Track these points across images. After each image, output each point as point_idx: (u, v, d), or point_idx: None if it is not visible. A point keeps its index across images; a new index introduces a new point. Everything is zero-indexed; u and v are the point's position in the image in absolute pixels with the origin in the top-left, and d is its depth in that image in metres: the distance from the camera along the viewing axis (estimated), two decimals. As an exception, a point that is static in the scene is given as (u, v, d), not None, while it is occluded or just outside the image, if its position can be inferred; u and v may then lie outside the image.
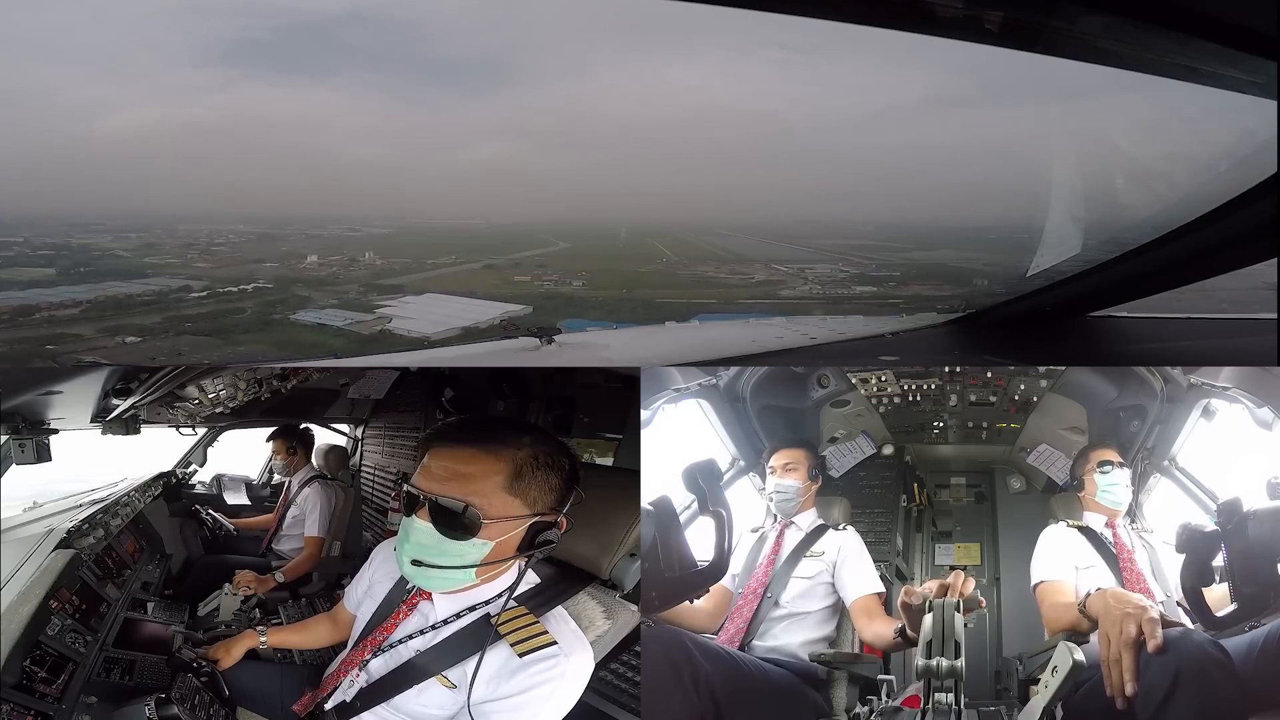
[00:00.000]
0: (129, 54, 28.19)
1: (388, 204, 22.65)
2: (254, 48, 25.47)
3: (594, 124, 31.58)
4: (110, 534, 2.38)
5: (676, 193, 28.88)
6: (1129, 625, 1.46)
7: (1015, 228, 8.91)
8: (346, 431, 3.64)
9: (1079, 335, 2.66)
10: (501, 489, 1.36)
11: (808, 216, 19.85)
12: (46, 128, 21.44)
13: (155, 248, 17.25)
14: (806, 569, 2.08)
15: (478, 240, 19.77)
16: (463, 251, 17.92)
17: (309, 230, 19.07)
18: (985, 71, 19.05)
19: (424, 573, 1.39)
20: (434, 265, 17.48)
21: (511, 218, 21.24)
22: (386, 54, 27.81)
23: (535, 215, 22.12)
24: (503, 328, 2.78)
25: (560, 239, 20.00)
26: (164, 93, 26.86)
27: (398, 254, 17.51)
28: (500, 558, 1.40)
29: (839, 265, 18.03)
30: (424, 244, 19.00)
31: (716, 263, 18.45)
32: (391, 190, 27.43)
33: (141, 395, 2.18)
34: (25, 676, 1.62)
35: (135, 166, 23.78)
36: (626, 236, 19.89)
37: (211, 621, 2.44)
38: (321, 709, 1.56)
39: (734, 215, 22.24)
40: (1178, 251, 1.97)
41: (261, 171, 23.87)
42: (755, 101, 32.21)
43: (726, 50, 33.42)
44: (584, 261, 17.68)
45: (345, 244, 18.70)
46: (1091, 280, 2.33)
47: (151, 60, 29.31)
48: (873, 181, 26.51)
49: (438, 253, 18.45)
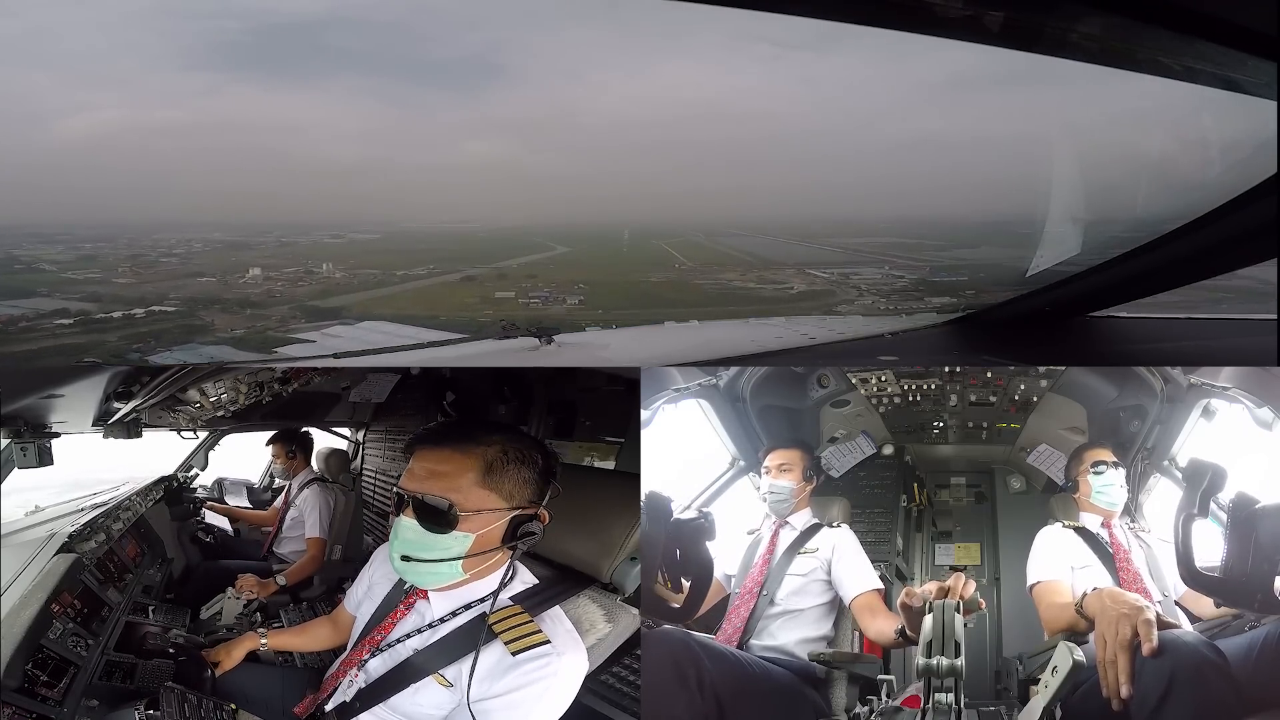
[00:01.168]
0: (97, 58, 27.43)
1: (375, 208, 21.65)
2: (231, 50, 24.91)
3: (590, 120, 31.21)
4: (112, 538, 2.38)
5: (681, 191, 28.43)
6: (1124, 626, 1.47)
7: (1019, 225, 8.76)
8: (348, 435, 3.64)
9: (1079, 335, 2.67)
10: (476, 484, 1.43)
11: (821, 214, 18.57)
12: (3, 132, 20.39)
13: (92, 260, 15.64)
14: (800, 566, 2.09)
15: (466, 246, 17.82)
16: (445, 260, 16.19)
17: (287, 237, 17.35)
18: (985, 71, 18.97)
19: (414, 568, 1.45)
20: (404, 277, 15.64)
21: (507, 220, 19.47)
22: (371, 53, 27.16)
23: (531, 217, 20.32)
24: (502, 328, 2.79)
25: (558, 242, 18.05)
26: (136, 97, 26.15)
27: (367, 264, 15.72)
28: (485, 549, 1.44)
29: (885, 268, 15.59)
30: (406, 251, 17.02)
31: (740, 268, 16.33)
32: (380, 193, 26.50)
33: (143, 399, 2.18)
34: (27, 680, 1.62)
35: (100, 173, 22.94)
36: (630, 239, 18.20)
37: (214, 625, 2.44)
38: (322, 710, 1.56)
39: (745, 214, 20.55)
40: (1178, 251, 1.98)
41: (242, 176, 23.00)
42: (758, 98, 32.04)
43: (723, 46, 33.11)
44: (583, 270, 15.91)
45: (315, 253, 16.58)
46: (1091, 280, 2.34)
47: (124, 64, 28.67)
48: (877, 176, 26.25)
49: (417, 261, 16.08)
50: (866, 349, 2.67)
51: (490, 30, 40.72)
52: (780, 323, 3.20)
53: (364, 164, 29.48)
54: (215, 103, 27.64)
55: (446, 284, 15.70)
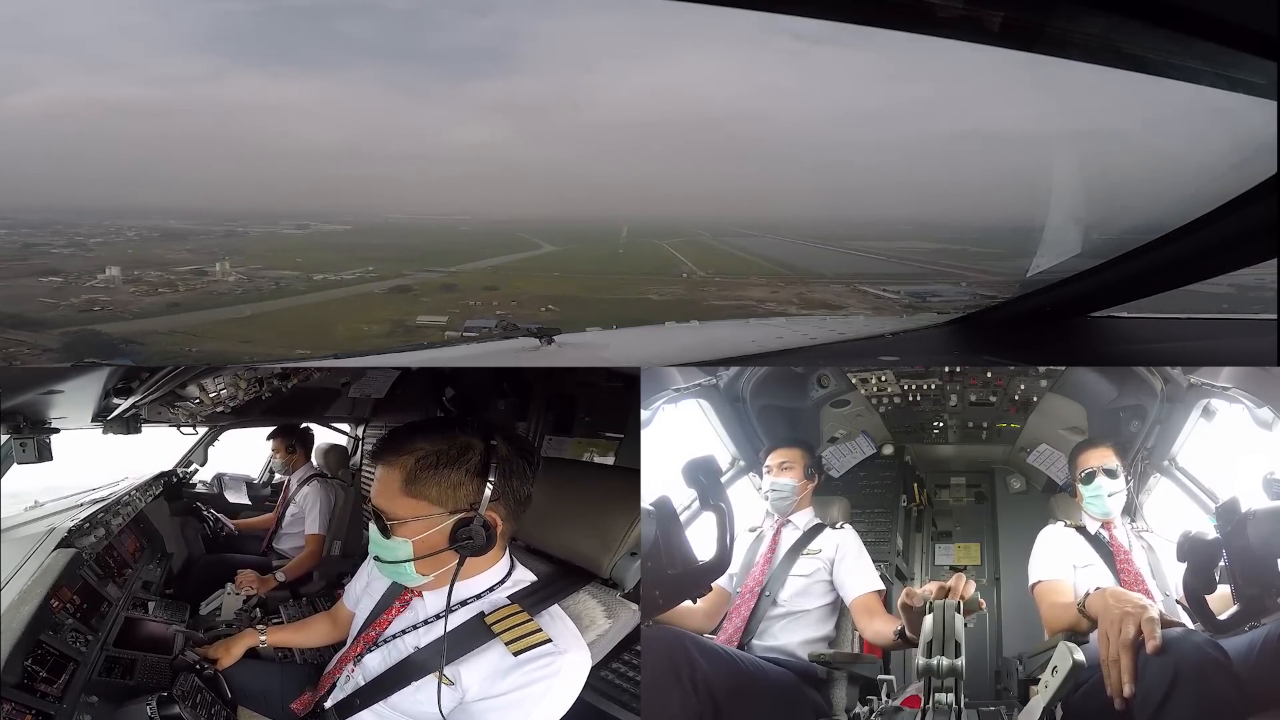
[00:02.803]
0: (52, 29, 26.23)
1: (351, 198, 20.27)
2: (228, 33, 24.25)
3: (595, 111, 30.72)
4: (111, 533, 2.38)
5: (685, 187, 27.96)
6: (1128, 625, 1.47)
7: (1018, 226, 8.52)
8: (347, 431, 3.64)
9: (1079, 335, 2.67)
10: (399, 493, 1.44)
11: (839, 215, 17.41)
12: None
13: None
14: (803, 567, 2.09)
15: (442, 240, 15.88)
16: (404, 259, 13.13)
17: (242, 227, 15.80)
18: (986, 70, 18.66)
19: (382, 566, 1.50)
20: (324, 283, 12.84)
21: (497, 212, 17.56)
22: (365, 38, 26.49)
23: (524, 209, 18.61)
24: (502, 328, 2.78)
25: (547, 239, 15.93)
26: (107, 76, 25.27)
27: (287, 264, 13.59)
28: (429, 553, 1.44)
29: (961, 285, 13.26)
30: (372, 245, 15.09)
31: (763, 278, 13.52)
32: (358, 182, 25.28)
33: (142, 395, 2.18)
34: (26, 676, 1.62)
35: (49, 155, 21.74)
36: (629, 237, 16.49)
37: (213, 621, 2.44)
38: (321, 707, 1.56)
39: (755, 211, 19.09)
40: (1178, 251, 1.97)
41: (202, 160, 21.77)
42: (767, 95, 31.65)
43: (743, 40, 32.52)
44: (567, 278, 12.53)
45: (253, 246, 14.98)
46: (1091, 280, 2.33)
47: (94, 43, 27.68)
48: (879, 176, 25.87)
49: (366, 260, 13.99)
50: (866, 349, 2.66)
51: (501, 18, 40.01)
52: (780, 323, 3.20)
53: (343, 149, 28.45)
54: (192, 84, 26.76)
55: (367, 296, 13.05)
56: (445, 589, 1.45)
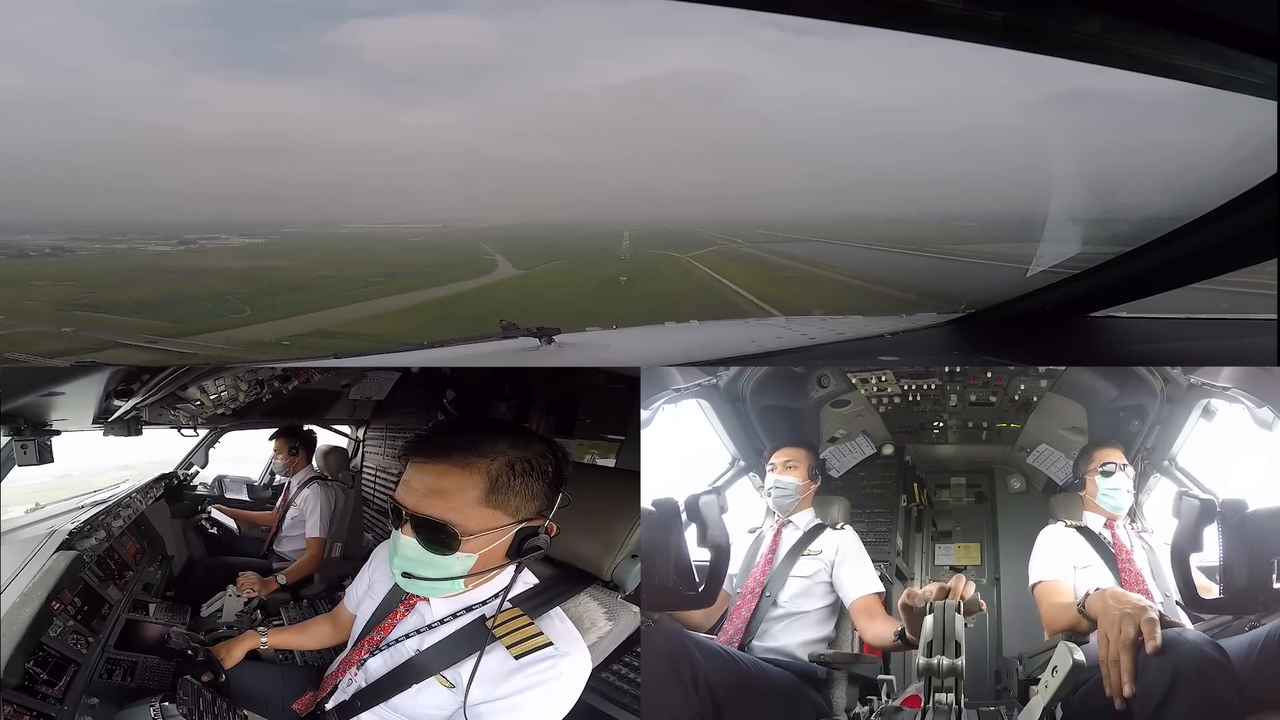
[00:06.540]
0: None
1: (263, 203, 19.31)
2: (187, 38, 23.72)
3: (581, 104, 30.11)
4: (112, 535, 2.38)
5: (685, 184, 27.40)
6: (1128, 626, 1.47)
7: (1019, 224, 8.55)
8: (348, 433, 3.64)
9: (1079, 335, 2.67)
10: (478, 503, 1.35)
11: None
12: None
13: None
14: (804, 568, 2.09)
15: (377, 255, 14.70)
16: (302, 285, 12.34)
17: (112, 238, 14.77)
18: (986, 70, 18.70)
19: (415, 584, 1.42)
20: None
21: (461, 219, 16.62)
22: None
23: (494, 217, 17.23)
24: (502, 328, 2.78)
25: (510, 256, 13.27)
26: (73, 81, 24.71)
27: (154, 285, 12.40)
28: (488, 567, 1.41)
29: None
30: (278, 259, 14.23)
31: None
32: (284, 186, 24.42)
33: (143, 396, 2.19)
34: (27, 678, 1.62)
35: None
36: (632, 244, 14.93)
37: (214, 623, 2.44)
38: (322, 709, 1.56)
39: (792, 210, 18.66)
40: (1178, 251, 1.97)
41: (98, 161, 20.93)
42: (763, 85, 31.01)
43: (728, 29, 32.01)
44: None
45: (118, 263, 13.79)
46: (1091, 280, 2.33)
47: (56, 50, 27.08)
48: (877, 172, 25.73)
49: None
50: (866, 349, 2.66)
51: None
52: (780, 323, 3.20)
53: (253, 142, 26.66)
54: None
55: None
56: (454, 597, 1.45)
